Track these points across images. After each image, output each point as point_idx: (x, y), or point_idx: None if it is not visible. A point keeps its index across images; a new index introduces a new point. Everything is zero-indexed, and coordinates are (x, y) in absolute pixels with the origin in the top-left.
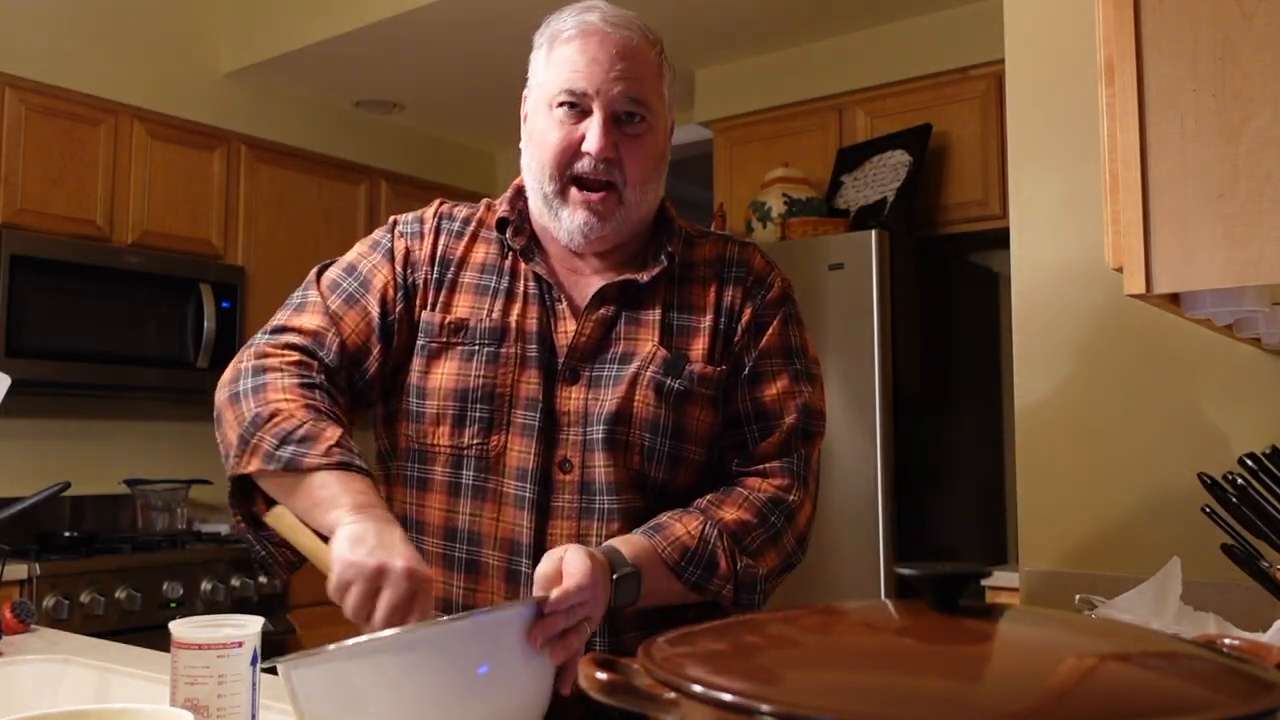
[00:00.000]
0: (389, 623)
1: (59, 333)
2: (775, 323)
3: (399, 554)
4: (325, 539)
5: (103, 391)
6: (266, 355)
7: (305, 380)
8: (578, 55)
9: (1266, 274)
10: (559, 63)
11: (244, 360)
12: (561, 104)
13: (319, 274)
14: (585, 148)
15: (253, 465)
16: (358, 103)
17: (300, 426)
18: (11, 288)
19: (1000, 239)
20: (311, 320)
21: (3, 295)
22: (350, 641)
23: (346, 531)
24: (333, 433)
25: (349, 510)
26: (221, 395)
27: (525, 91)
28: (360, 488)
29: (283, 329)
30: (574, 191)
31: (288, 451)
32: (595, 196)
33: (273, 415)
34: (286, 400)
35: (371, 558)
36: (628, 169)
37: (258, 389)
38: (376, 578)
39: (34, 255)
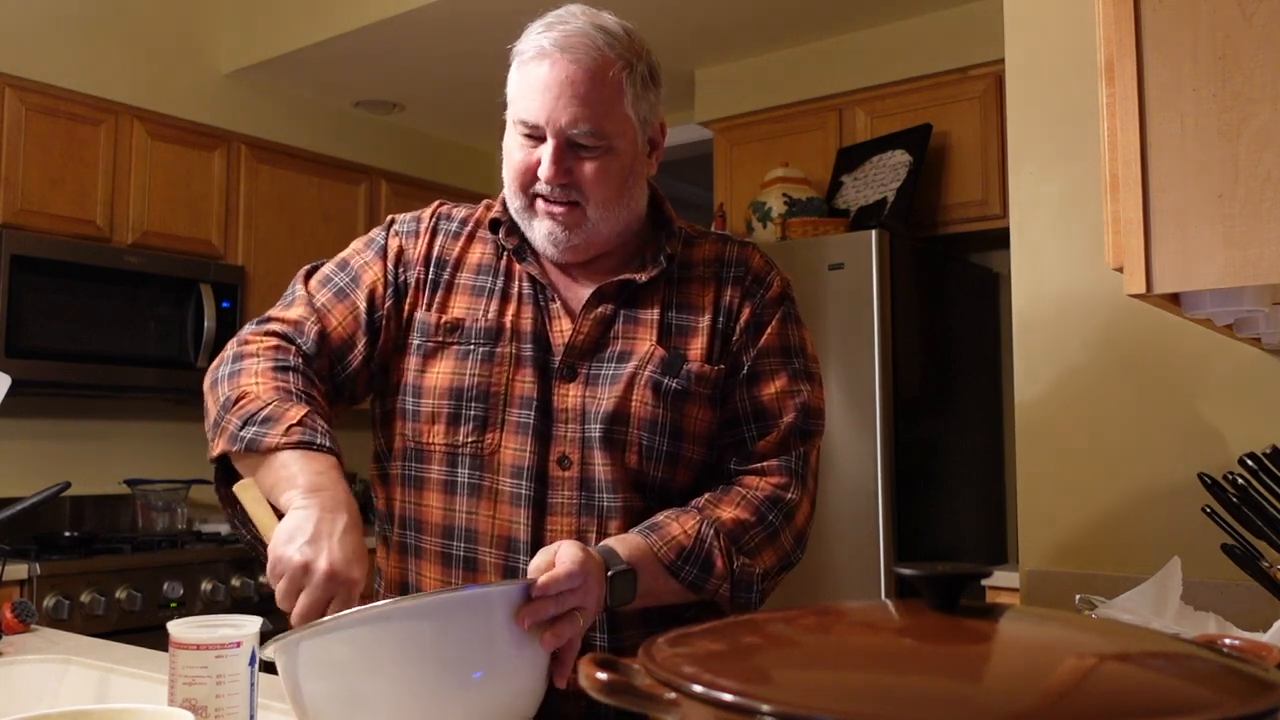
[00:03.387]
0: (299, 622)
1: (59, 333)
2: (774, 322)
3: (327, 553)
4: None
5: (103, 391)
6: (247, 343)
7: (280, 364)
8: (531, 82)
9: (1266, 274)
10: (518, 86)
11: (228, 349)
12: (520, 126)
13: (306, 274)
14: (539, 173)
15: (219, 447)
16: (358, 103)
17: (264, 408)
18: (11, 288)
19: (1000, 239)
20: (295, 312)
21: (3, 295)
22: (340, 614)
23: (286, 522)
24: (296, 412)
25: (301, 492)
26: (205, 382)
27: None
28: (317, 468)
29: (267, 319)
30: (539, 203)
31: (249, 433)
32: (558, 209)
33: (240, 398)
34: (256, 383)
35: (299, 555)
36: (586, 190)
37: (233, 374)
38: (300, 576)
39: (34, 255)
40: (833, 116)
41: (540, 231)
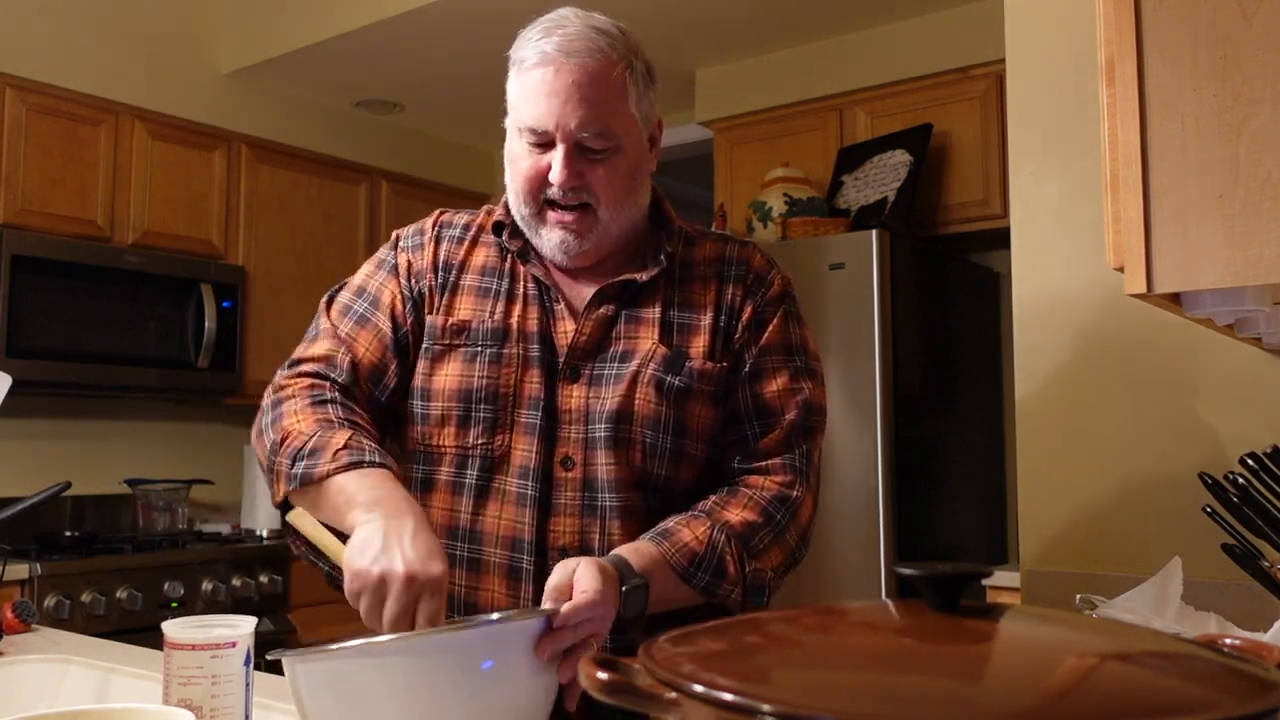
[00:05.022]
0: (395, 630)
1: (59, 333)
2: (775, 320)
3: (401, 557)
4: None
5: (103, 391)
6: (282, 388)
7: (316, 398)
8: (537, 89)
9: (1266, 274)
10: (522, 93)
11: (265, 399)
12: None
13: (328, 303)
14: (551, 178)
15: (280, 491)
16: (358, 103)
17: (309, 441)
18: (12, 288)
19: (1000, 239)
20: (322, 347)
21: (3, 295)
22: (355, 642)
23: (355, 540)
24: (340, 438)
25: (362, 509)
26: (252, 436)
27: (505, 105)
28: (372, 483)
29: (297, 361)
30: (549, 212)
31: (300, 468)
32: (569, 216)
33: (284, 439)
34: (297, 421)
35: (375, 565)
36: (597, 191)
37: (275, 420)
38: (380, 587)
39: (34, 255)
40: (833, 116)
41: (551, 240)
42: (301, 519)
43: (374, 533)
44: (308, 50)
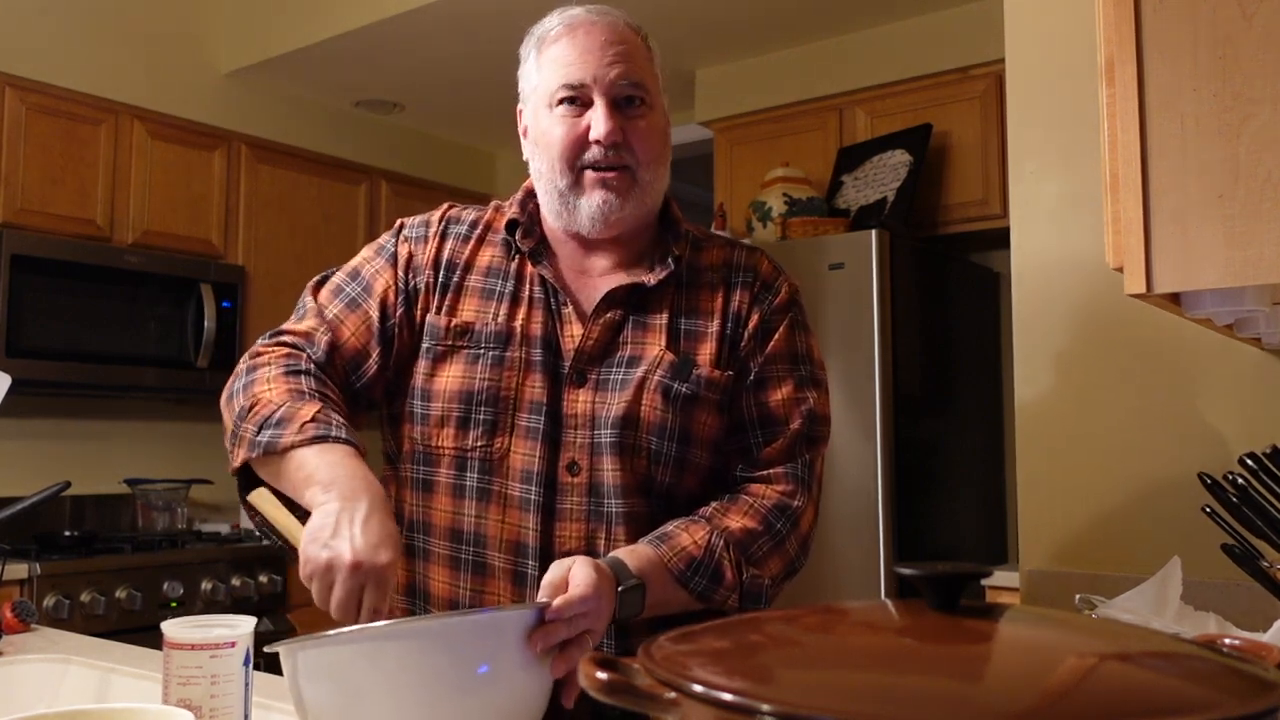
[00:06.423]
0: (340, 616)
1: (59, 333)
2: (782, 328)
3: (350, 544)
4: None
5: (103, 391)
6: (258, 354)
7: (291, 368)
8: (569, 49)
9: (1266, 274)
10: (551, 62)
11: (240, 364)
12: (562, 100)
13: (316, 285)
14: (593, 136)
15: (240, 456)
16: (358, 103)
17: (277, 410)
18: (11, 288)
19: (1000, 239)
20: (305, 325)
21: (3, 295)
22: (350, 628)
23: (310, 524)
24: (309, 409)
25: (320, 488)
26: (221, 400)
27: (520, 105)
28: (333, 459)
29: (279, 332)
30: (589, 175)
31: (265, 436)
32: (611, 175)
33: (253, 405)
34: (269, 388)
35: (324, 551)
36: (637, 150)
37: (247, 386)
38: (328, 573)
39: (34, 255)
40: (833, 116)
41: (591, 204)
42: (262, 499)
43: (327, 516)
44: (308, 50)
